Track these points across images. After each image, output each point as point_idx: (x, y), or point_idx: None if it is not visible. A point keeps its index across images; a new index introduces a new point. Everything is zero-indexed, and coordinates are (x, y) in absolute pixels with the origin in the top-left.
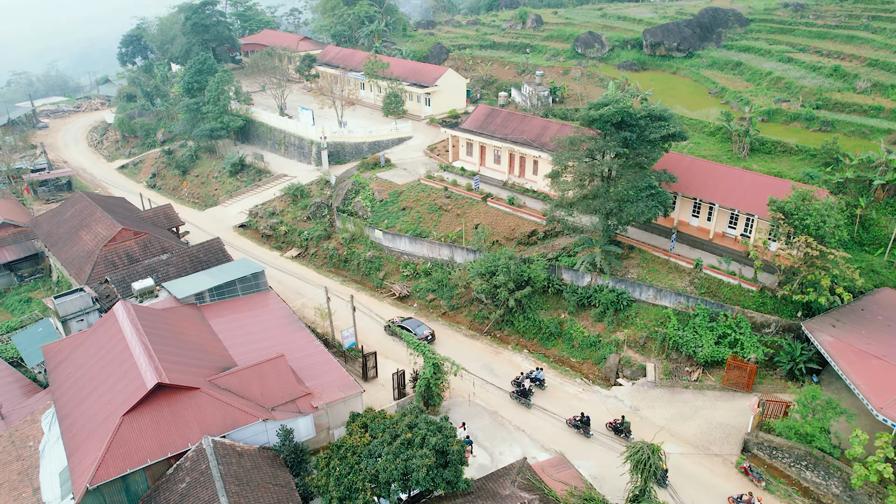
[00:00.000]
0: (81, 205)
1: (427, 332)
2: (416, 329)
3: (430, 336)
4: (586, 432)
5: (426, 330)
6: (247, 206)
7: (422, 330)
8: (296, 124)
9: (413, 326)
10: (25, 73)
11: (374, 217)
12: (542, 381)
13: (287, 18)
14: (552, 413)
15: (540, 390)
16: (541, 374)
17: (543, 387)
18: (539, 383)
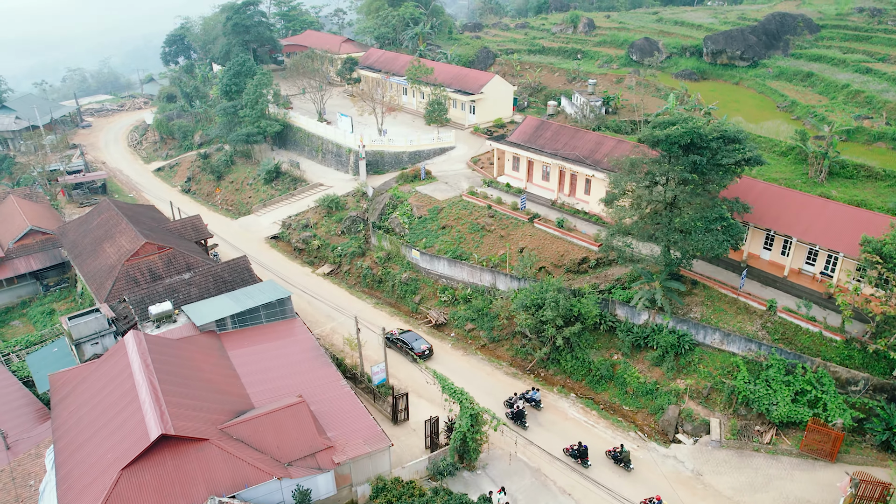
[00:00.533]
0: (108, 214)
1: (424, 347)
2: (414, 343)
3: (427, 351)
4: (584, 463)
5: (424, 344)
6: (280, 216)
7: (419, 344)
8: (334, 131)
9: (411, 340)
10: (80, 70)
11: (411, 235)
12: (538, 401)
13: (331, 19)
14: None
15: (535, 411)
16: (536, 395)
17: (539, 407)
18: (535, 404)
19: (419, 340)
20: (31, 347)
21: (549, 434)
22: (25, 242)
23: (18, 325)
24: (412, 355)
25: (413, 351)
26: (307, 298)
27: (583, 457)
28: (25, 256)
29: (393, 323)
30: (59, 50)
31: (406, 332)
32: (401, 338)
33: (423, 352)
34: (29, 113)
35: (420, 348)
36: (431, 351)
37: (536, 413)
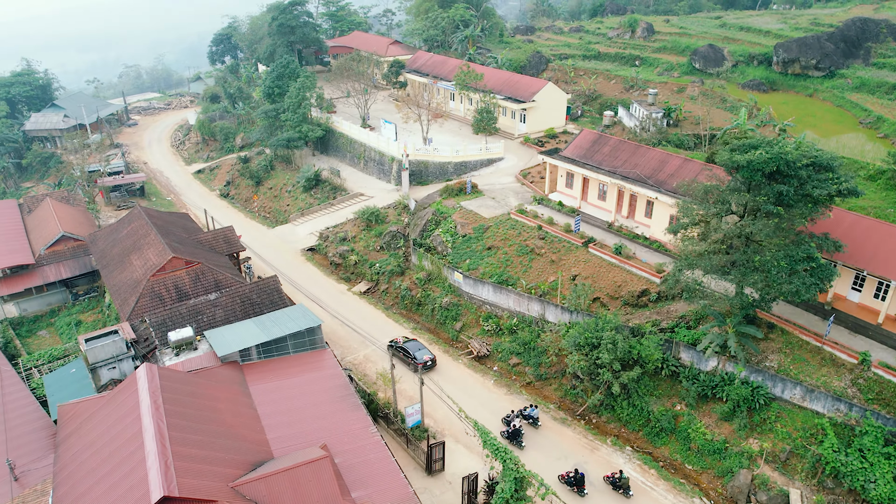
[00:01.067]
0: (138, 223)
1: (427, 358)
2: (417, 353)
3: (429, 362)
4: (580, 491)
5: (427, 355)
6: (318, 226)
7: (422, 354)
8: (377, 138)
9: (413, 349)
10: (136, 66)
11: (454, 255)
12: (536, 419)
13: (379, 20)
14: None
15: (533, 429)
16: (534, 412)
17: (537, 426)
18: (532, 421)
19: (422, 350)
20: (53, 363)
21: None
22: (57, 249)
23: (45, 336)
24: (414, 365)
25: (415, 361)
26: (342, 318)
27: (579, 485)
28: (56, 263)
29: (431, 347)
30: (120, 46)
31: (410, 342)
32: (404, 346)
33: (424, 363)
34: (77, 111)
35: (422, 359)
36: (434, 362)
37: (533, 431)
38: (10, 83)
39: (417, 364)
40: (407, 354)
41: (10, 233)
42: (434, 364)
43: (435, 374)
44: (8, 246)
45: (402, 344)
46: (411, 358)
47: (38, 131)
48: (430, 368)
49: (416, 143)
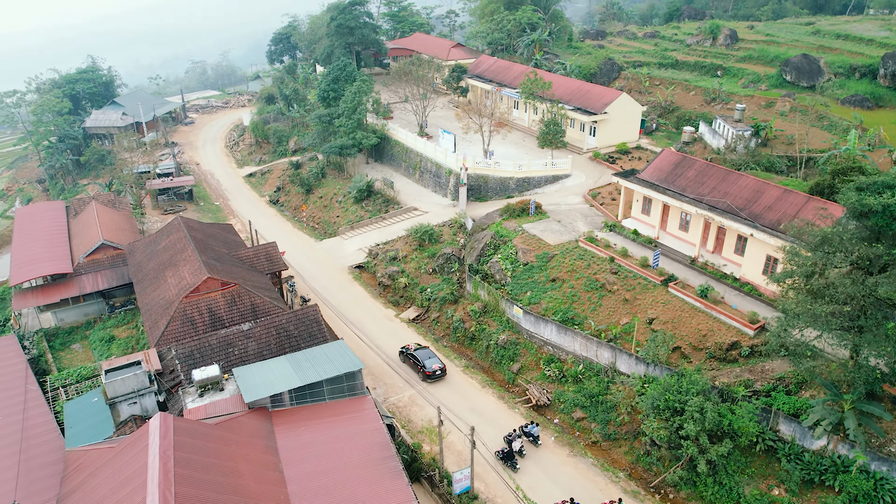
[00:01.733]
0: (176, 235)
1: (437, 367)
2: (426, 361)
3: (438, 371)
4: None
5: (436, 363)
6: (367, 242)
7: (431, 363)
8: (434, 148)
9: (423, 358)
10: (202, 62)
11: (514, 286)
12: (537, 437)
13: (442, 21)
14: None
15: (533, 448)
16: (535, 430)
17: (537, 444)
18: (533, 440)
19: (432, 359)
20: (81, 383)
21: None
22: (96, 257)
23: (78, 351)
24: (422, 373)
25: (424, 369)
26: (388, 350)
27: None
28: (94, 273)
29: (483, 397)
30: (193, 41)
31: (421, 349)
32: (414, 354)
33: (433, 371)
34: (135, 109)
35: (431, 367)
36: (444, 371)
37: (533, 450)
38: (74, 80)
39: (426, 373)
40: (417, 362)
41: (54, 237)
42: (444, 374)
43: (487, 426)
44: (50, 252)
45: (412, 351)
46: (420, 366)
47: (97, 128)
48: (438, 378)
49: (475, 154)
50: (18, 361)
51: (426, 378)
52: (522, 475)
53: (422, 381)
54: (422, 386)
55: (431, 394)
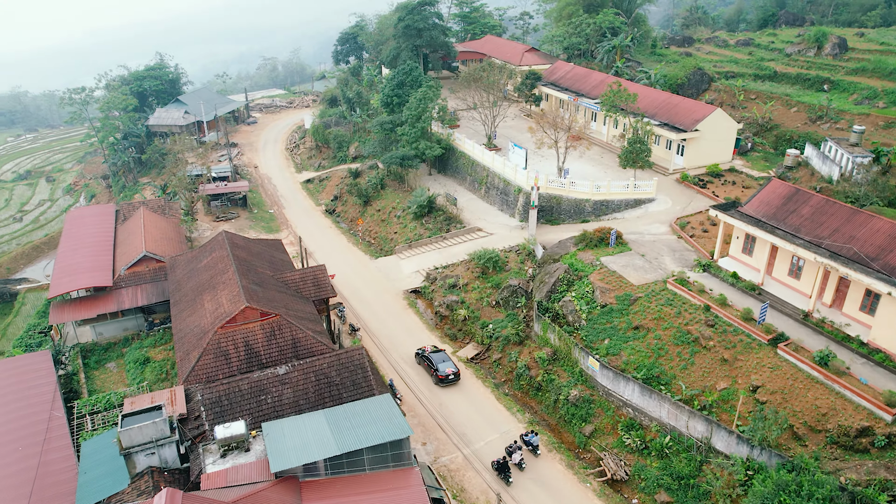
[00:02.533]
0: (219, 253)
1: (450, 371)
2: (440, 365)
3: (452, 375)
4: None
5: (451, 367)
6: (425, 263)
7: (445, 367)
8: (503, 163)
9: (437, 361)
10: (273, 59)
11: (589, 331)
12: (536, 447)
13: (515, 23)
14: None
15: (532, 458)
16: (534, 439)
17: (536, 454)
18: (532, 449)
19: (447, 363)
20: (110, 411)
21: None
22: (138, 270)
23: (112, 370)
24: (435, 377)
25: (437, 373)
26: (440, 399)
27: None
28: (134, 287)
29: (552, 465)
30: (265, 38)
31: (437, 352)
32: (429, 357)
33: (446, 375)
34: (198, 108)
35: (444, 371)
36: (458, 376)
37: (532, 461)
38: (142, 77)
39: (439, 376)
40: (431, 365)
41: (99, 245)
42: (457, 378)
43: (543, 492)
44: (93, 262)
45: (428, 353)
46: (434, 369)
47: (160, 126)
48: (451, 383)
49: (548, 171)
50: (48, 382)
51: (439, 382)
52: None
53: (435, 384)
54: (491, 439)
55: (492, 437)
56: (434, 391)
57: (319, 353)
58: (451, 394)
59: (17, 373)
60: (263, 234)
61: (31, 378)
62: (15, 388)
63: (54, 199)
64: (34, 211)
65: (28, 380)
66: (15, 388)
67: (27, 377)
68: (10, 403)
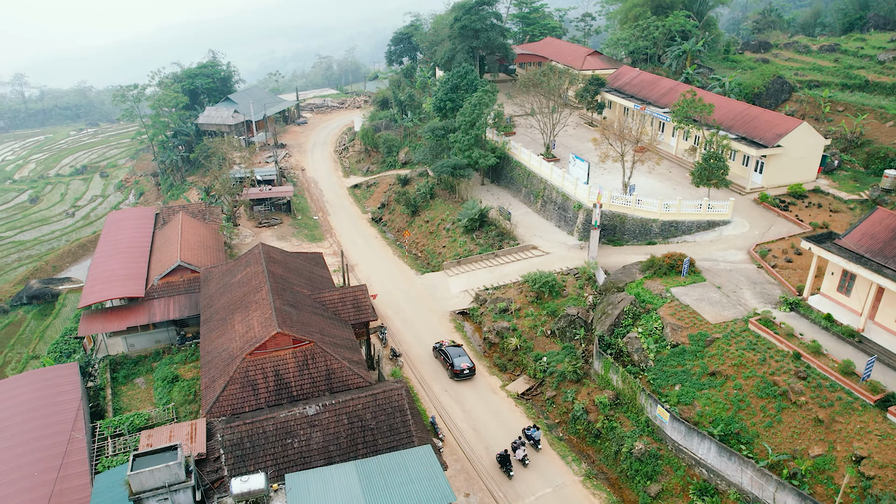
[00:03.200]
0: (254, 268)
1: (465, 365)
2: (456, 359)
3: (467, 370)
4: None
5: (466, 362)
6: (474, 282)
7: (460, 362)
8: (562, 175)
9: (453, 355)
10: (328, 58)
11: (658, 373)
12: (538, 441)
13: (576, 24)
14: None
15: (533, 452)
16: (536, 434)
17: (538, 448)
18: (534, 443)
19: (462, 357)
20: (132, 435)
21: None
22: (171, 280)
23: (140, 387)
24: (451, 371)
25: (452, 367)
26: (490, 440)
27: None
28: (167, 298)
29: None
30: (322, 36)
31: (454, 346)
32: (446, 350)
33: (461, 370)
34: (247, 107)
35: (460, 366)
36: (473, 371)
37: (533, 455)
38: (194, 74)
39: (454, 371)
40: (447, 359)
41: (135, 251)
42: (472, 374)
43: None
44: (126, 269)
45: (445, 347)
46: (449, 363)
47: (209, 125)
48: (466, 378)
49: (611, 186)
50: (72, 399)
51: (454, 376)
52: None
53: (450, 378)
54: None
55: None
56: (489, 406)
57: (355, 385)
58: (500, 421)
59: (43, 387)
60: (306, 243)
61: (56, 393)
62: (38, 405)
63: (106, 195)
64: (86, 207)
65: (53, 395)
66: (38, 405)
67: (52, 392)
68: (32, 421)
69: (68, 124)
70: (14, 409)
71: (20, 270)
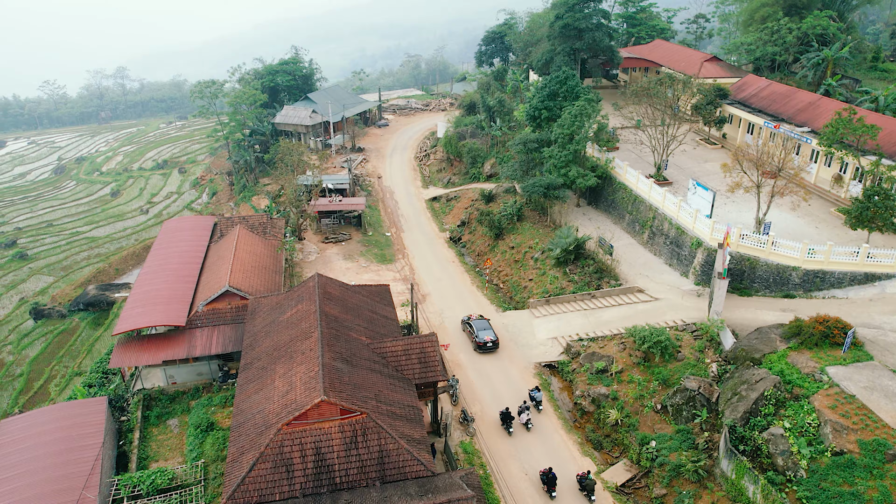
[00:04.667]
0: (306, 306)
1: (489, 338)
2: (480, 332)
3: (490, 343)
4: (550, 492)
5: (489, 335)
6: (567, 328)
7: (485, 334)
8: (677, 204)
9: (478, 328)
10: (417, 56)
11: (813, 490)
12: (539, 402)
13: (687, 27)
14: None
15: (535, 413)
16: (538, 395)
17: (539, 409)
18: (536, 404)
19: (487, 331)
20: (153, 498)
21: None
22: (218, 307)
23: (173, 430)
24: (475, 343)
25: (476, 339)
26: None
27: (550, 485)
28: (210, 329)
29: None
30: (413, 35)
31: (480, 320)
32: (471, 323)
33: (485, 342)
34: (325, 107)
35: (483, 339)
36: (496, 345)
37: (534, 416)
38: (274, 71)
39: (478, 343)
40: (472, 331)
41: (184, 268)
42: (496, 347)
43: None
44: (171, 290)
45: (472, 320)
46: (474, 336)
47: (286, 125)
48: (490, 350)
49: (739, 220)
50: (92, 445)
51: (478, 348)
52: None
53: (474, 350)
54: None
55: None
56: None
57: (413, 475)
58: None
59: (65, 426)
60: (374, 264)
61: (77, 436)
62: (56, 449)
63: (181, 192)
64: (160, 203)
65: (73, 437)
66: (56, 449)
67: (74, 434)
68: (44, 471)
69: (162, 116)
70: (29, 452)
71: (86, 270)
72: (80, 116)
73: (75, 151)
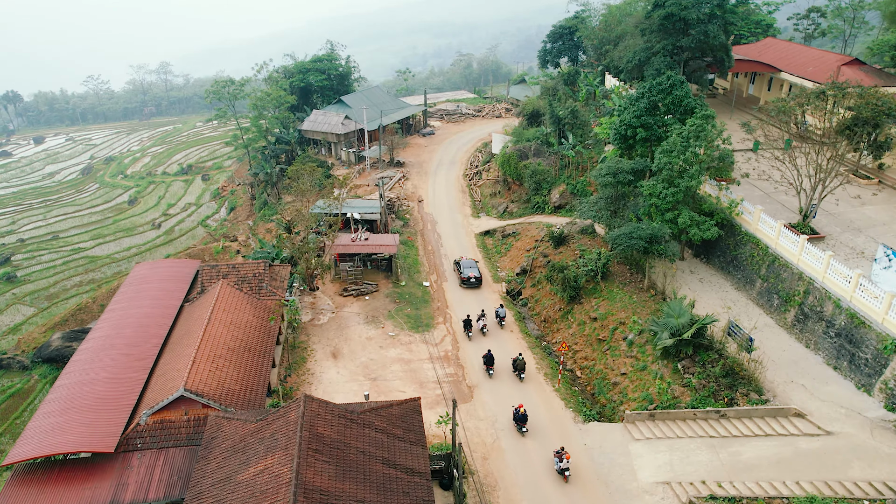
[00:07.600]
0: (279, 460)
1: (472, 274)
2: (466, 269)
3: (473, 279)
4: (488, 371)
5: (473, 272)
6: (685, 467)
7: (469, 271)
8: (845, 274)
9: (464, 266)
10: (468, 56)
11: None
12: (503, 318)
13: (795, 23)
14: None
15: (498, 328)
16: (502, 312)
17: (502, 325)
18: (499, 320)
19: (472, 268)
20: None
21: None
22: (169, 417)
23: None
24: (460, 279)
25: (461, 275)
26: None
27: (489, 364)
28: (154, 454)
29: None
30: (465, 33)
31: (466, 260)
32: (459, 262)
33: (468, 278)
34: (359, 113)
35: (467, 274)
36: (479, 281)
37: (497, 329)
38: (306, 69)
39: (462, 278)
40: (459, 270)
41: (139, 346)
42: (479, 283)
43: None
44: (111, 385)
45: (461, 260)
46: (460, 273)
47: (314, 132)
48: (475, 286)
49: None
50: None
51: (462, 283)
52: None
53: (459, 286)
54: None
55: None
56: None
57: None
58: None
59: None
60: (405, 333)
61: None
62: None
63: (199, 204)
64: (175, 216)
65: None
66: None
67: None
68: None
69: (203, 113)
70: None
71: (71, 302)
72: (123, 112)
73: (109, 150)
